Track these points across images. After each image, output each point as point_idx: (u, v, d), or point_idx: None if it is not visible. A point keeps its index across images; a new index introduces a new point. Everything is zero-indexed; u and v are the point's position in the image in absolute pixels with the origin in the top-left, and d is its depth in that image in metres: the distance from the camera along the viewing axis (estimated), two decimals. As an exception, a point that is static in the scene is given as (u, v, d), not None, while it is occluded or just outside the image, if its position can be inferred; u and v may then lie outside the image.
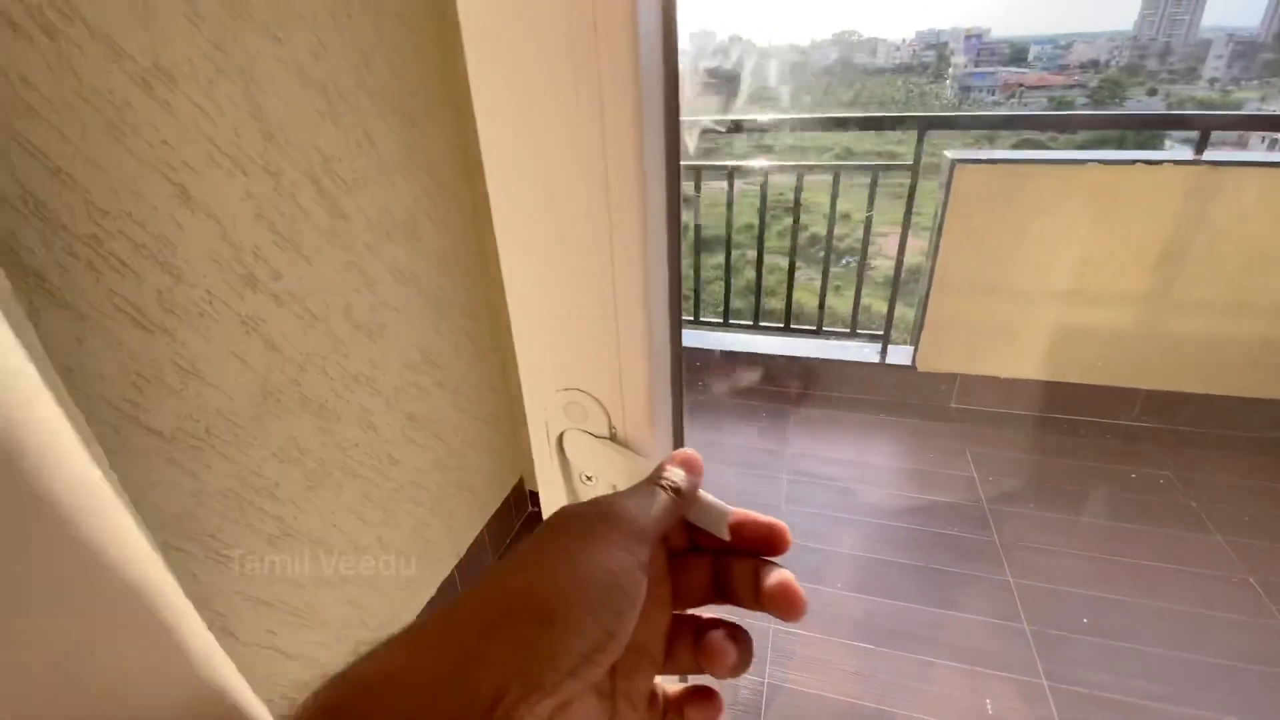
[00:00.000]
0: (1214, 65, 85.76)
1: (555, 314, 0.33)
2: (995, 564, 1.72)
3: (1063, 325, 2.22)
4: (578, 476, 0.39)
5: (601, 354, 0.33)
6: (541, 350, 0.35)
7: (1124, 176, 1.96)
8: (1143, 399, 2.26)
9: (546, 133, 0.28)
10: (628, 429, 0.34)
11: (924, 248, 2.31)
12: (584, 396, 0.35)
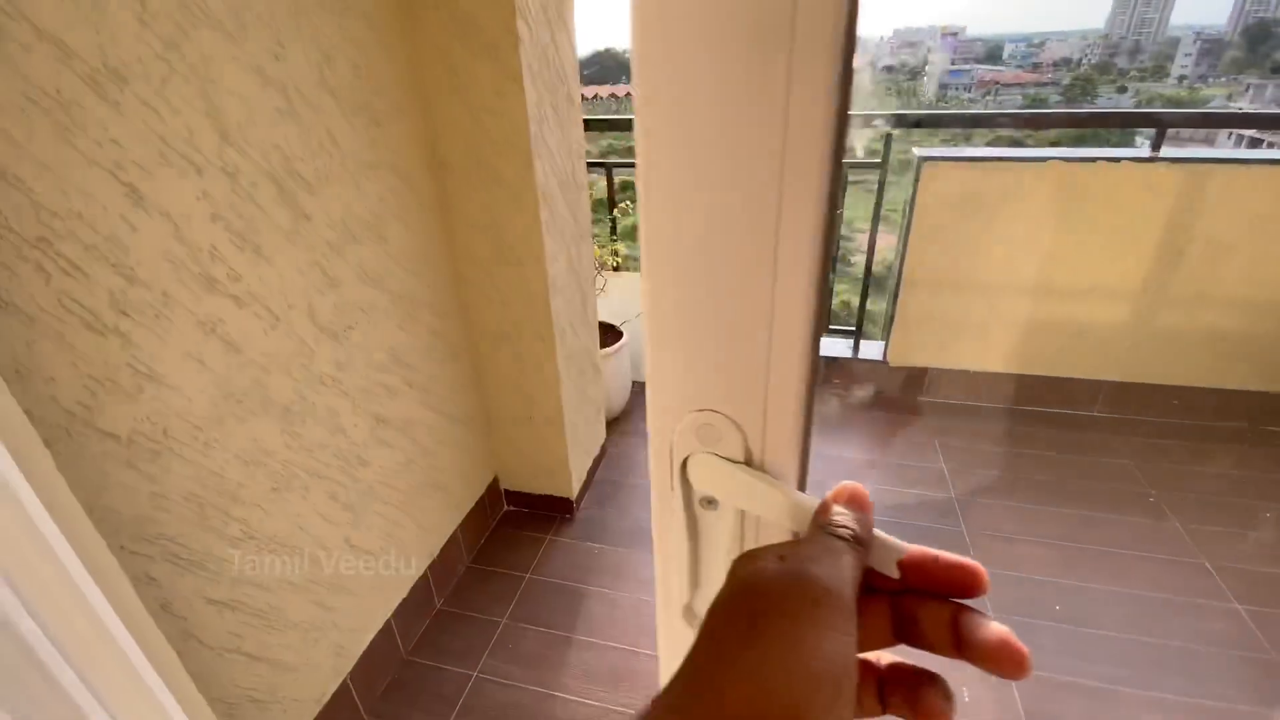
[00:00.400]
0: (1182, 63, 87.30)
1: (700, 331, 0.31)
2: (962, 553, 1.75)
3: (1029, 319, 2.27)
4: (698, 501, 0.38)
5: (748, 374, 0.31)
6: (678, 369, 0.32)
7: (1086, 174, 2.01)
8: (1106, 390, 2.32)
9: (721, 137, 0.26)
10: (766, 453, 0.33)
11: (897, 245, 2.35)
12: (720, 419, 0.33)
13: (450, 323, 1.58)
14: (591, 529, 1.87)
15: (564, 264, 1.63)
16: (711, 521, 0.39)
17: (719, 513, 0.38)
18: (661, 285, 0.31)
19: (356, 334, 1.24)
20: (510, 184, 1.42)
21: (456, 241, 1.54)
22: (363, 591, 1.34)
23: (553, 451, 1.81)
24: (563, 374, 1.69)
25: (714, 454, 0.35)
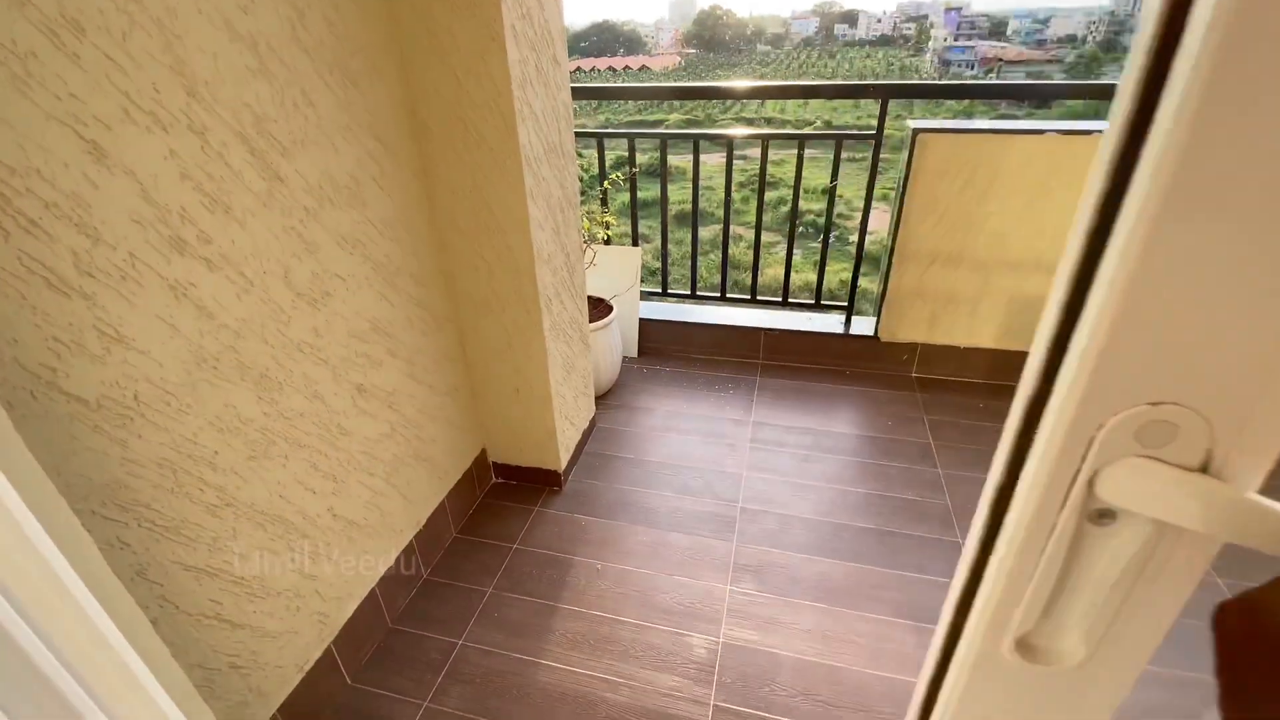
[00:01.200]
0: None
1: (1184, 304, 0.25)
2: (947, 526, 1.77)
3: (1020, 294, 2.26)
4: (1089, 515, 0.32)
5: (1245, 354, 0.25)
6: (1138, 350, 0.27)
7: (1081, 145, 1.99)
8: (1095, 367, 2.32)
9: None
10: (1232, 456, 0.27)
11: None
12: (1183, 413, 0.28)
13: (433, 292, 1.56)
14: (579, 502, 1.88)
15: (550, 232, 1.60)
16: (1099, 541, 0.33)
17: (1117, 530, 0.31)
18: (1163, 242, 0.24)
19: (335, 301, 1.23)
20: (493, 148, 1.39)
21: (439, 208, 1.51)
22: (346, 560, 1.34)
23: (540, 424, 1.81)
24: (550, 346, 1.68)
25: (1156, 459, 0.29)
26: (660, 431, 2.18)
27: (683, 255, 11.84)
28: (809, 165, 2.42)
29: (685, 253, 12.03)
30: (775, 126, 31.89)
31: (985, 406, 2.28)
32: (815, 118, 33.05)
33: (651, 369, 2.56)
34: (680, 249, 11.67)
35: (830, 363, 2.54)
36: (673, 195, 2.43)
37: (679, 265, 10.20)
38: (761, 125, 32.53)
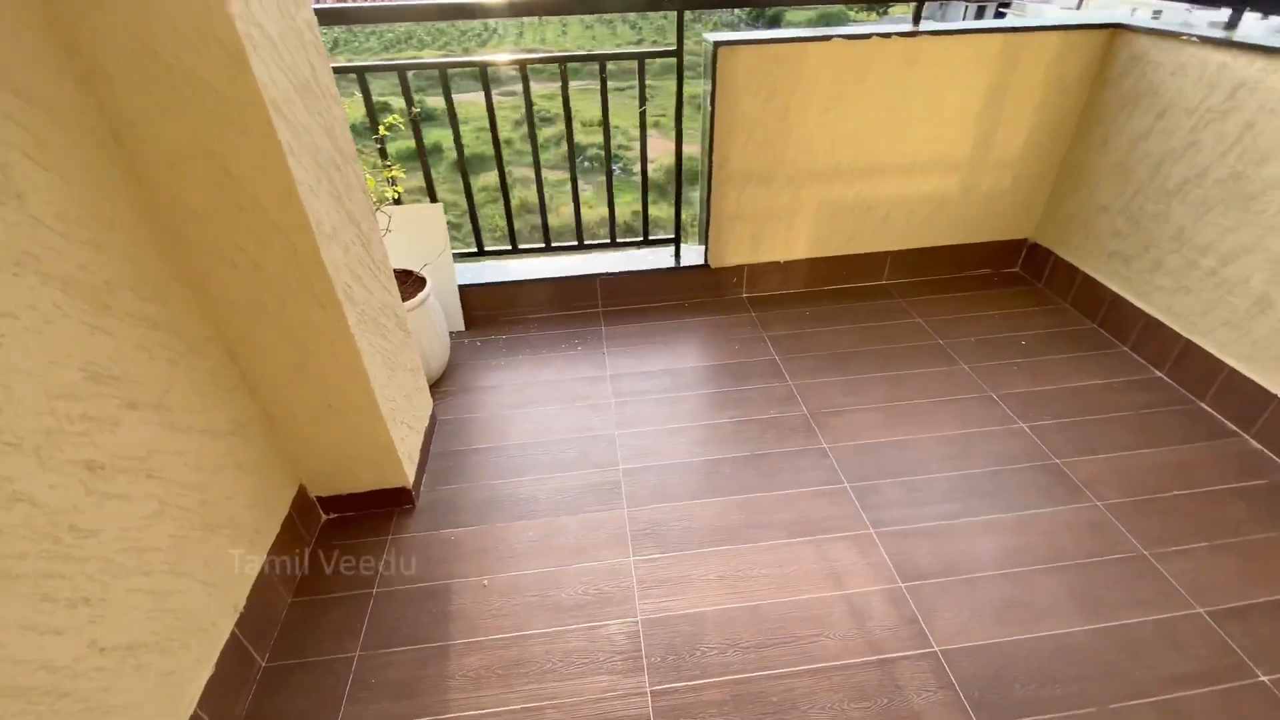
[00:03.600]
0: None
1: None
2: (810, 435, 1.84)
3: (827, 202, 2.37)
4: None
5: None
6: None
7: (863, 49, 2.06)
8: (890, 259, 2.56)
9: None
10: None
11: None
12: None
13: (175, 306, 1.13)
14: (440, 514, 1.61)
15: (328, 199, 1.24)
16: None
17: None
18: None
19: (8, 352, 0.80)
20: (219, 91, 0.99)
21: (154, 187, 1.07)
22: (137, 694, 0.97)
23: (371, 438, 1.48)
24: (362, 343, 1.34)
25: None
26: (514, 409, 1.95)
27: (485, 203, 11.04)
28: (581, 97, 2.23)
29: (486, 200, 11.22)
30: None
31: (812, 313, 2.41)
32: (576, 47, 32.45)
33: (486, 340, 2.28)
34: (485, 197, 10.86)
35: (669, 298, 2.49)
36: (451, 138, 2.11)
37: (482, 215, 9.51)
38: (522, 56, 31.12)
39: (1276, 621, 1.32)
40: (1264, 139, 1.68)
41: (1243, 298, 1.78)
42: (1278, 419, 1.71)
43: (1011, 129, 2.30)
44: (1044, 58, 2.16)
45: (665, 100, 2.16)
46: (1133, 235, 2.12)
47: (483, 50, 31.89)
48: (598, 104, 2.20)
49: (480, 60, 2.04)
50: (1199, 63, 1.83)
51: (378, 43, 31.78)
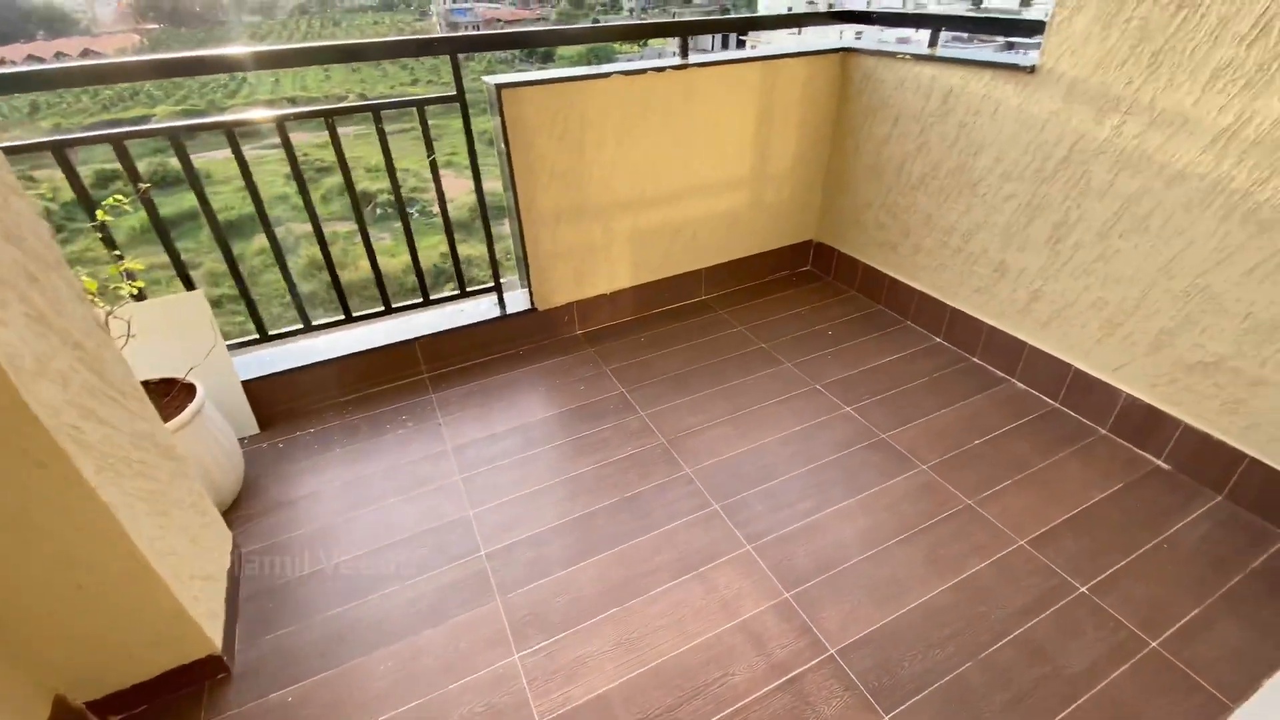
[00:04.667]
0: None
1: None
2: (672, 464, 1.82)
3: (637, 231, 2.41)
4: None
5: None
6: None
7: (642, 85, 2.13)
8: (705, 276, 2.68)
9: None
10: None
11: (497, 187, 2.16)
12: None
13: None
14: (267, 674, 1.30)
15: (22, 325, 0.93)
16: None
17: None
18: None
19: None
20: None
21: None
22: None
23: (149, 610, 1.15)
24: (108, 494, 1.03)
25: None
26: (341, 515, 1.67)
27: (262, 270, 9.54)
28: (364, 141, 2.05)
29: (261, 266, 9.72)
30: (303, 105, 28.19)
31: (646, 339, 2.43)
32: (346, 91, 30.37)
33: (290, 440, 1.94)
34: (260, 263, 9.44)
35: (501, 348, 2.34)
36: (217, 198, 1.79)
37: (260, 285, 8.31)
38: (284, 105, 28.33)
39: (1075, 536, 1.57)
40: (975, 134, 2.03)
41: (985, 266, 2.13)
42: (1031, 362, 2.07)
43: (781, 144, 2.54)
44: (796, 80, 2.41)
45: (455, 138, 2.03)
46: (893, 226, 2.45)
47: (232, 102, 28.19)
48: (366, 150, 2.01)
49: (226, 120, 1.74)
50: (915, 76, 2.17)
51: (93, 102, 26.74)
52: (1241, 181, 1.46)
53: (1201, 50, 1.44)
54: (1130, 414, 1.83)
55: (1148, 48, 1.54)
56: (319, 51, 1.78)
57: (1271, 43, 1.33)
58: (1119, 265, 1.75)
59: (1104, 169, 1.71)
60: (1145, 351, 1.75)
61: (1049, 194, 1.87)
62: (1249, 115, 1.41)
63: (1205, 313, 1.60)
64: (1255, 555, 1.50)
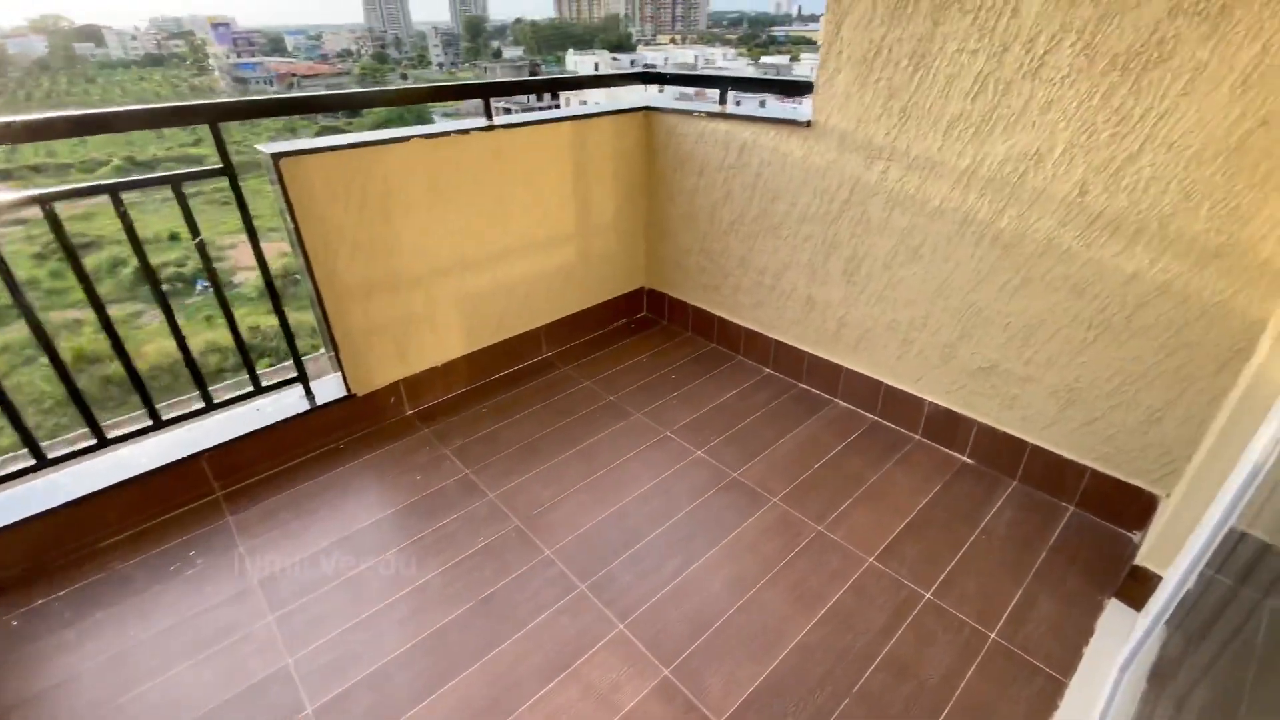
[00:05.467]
0: (436, 53, 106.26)
1: None
2: (530, 548, 1.68)
3: (464, 295, 2.27)
4: None
5: None
6: None
7: (447, 148, 2.03)
8: (544, 333, 2.60)
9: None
10: None
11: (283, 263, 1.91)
12: None
13: None
14: None
15: None
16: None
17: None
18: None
19: None
20: None
21: None
22: None
23: None
24: None
25: None
26: (108, 704, 1.30)
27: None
28: (109, 217, 1.71)
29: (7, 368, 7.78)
30: (53, 175, 23.95)
31: (488, 409, 2.27)
32: (109, 155, 26.26)
33: (27, 613, 1.49)
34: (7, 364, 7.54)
35: (316, 446, 2.04)
36: None
37: None
38: (26, 175, 23.76)
39: (913, 542, 1.69)
40: (771, 183, 2.20)
41: (796, 301, 2.30)
42: (849, 382, 2.25)
43: (601, 198, 2.57)
44: (607, 136, 2.47)
45: (209, 211, 1.76)
46: (713, 269, 2.57)
47: (-61, 174, 23.11)
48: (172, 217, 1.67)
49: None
50: (712, 131, 2.32)
51: None
52: (985, 213, 1.71)
53: (938, 105, 1.69)
54: (935, 419, 2.05)
55: (896, 104, 1.77)
56: (38, 126, 1.43)
57: (990, 98, 1.59)
58: (904, 291, 1.97)
59: (879, 208, 1.93)
60: (936, 364, 1.98)
61: (839, 233, 2.07)
62: (982, 157, 1.66)
63: (976, 325, 1.84)
64: (1050, 530, 1.73)
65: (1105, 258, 1.53)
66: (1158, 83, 1.34)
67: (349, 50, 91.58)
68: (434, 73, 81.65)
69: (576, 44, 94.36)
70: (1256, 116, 1.24)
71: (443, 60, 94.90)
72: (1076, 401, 1.71)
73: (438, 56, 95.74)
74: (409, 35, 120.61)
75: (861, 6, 1.74)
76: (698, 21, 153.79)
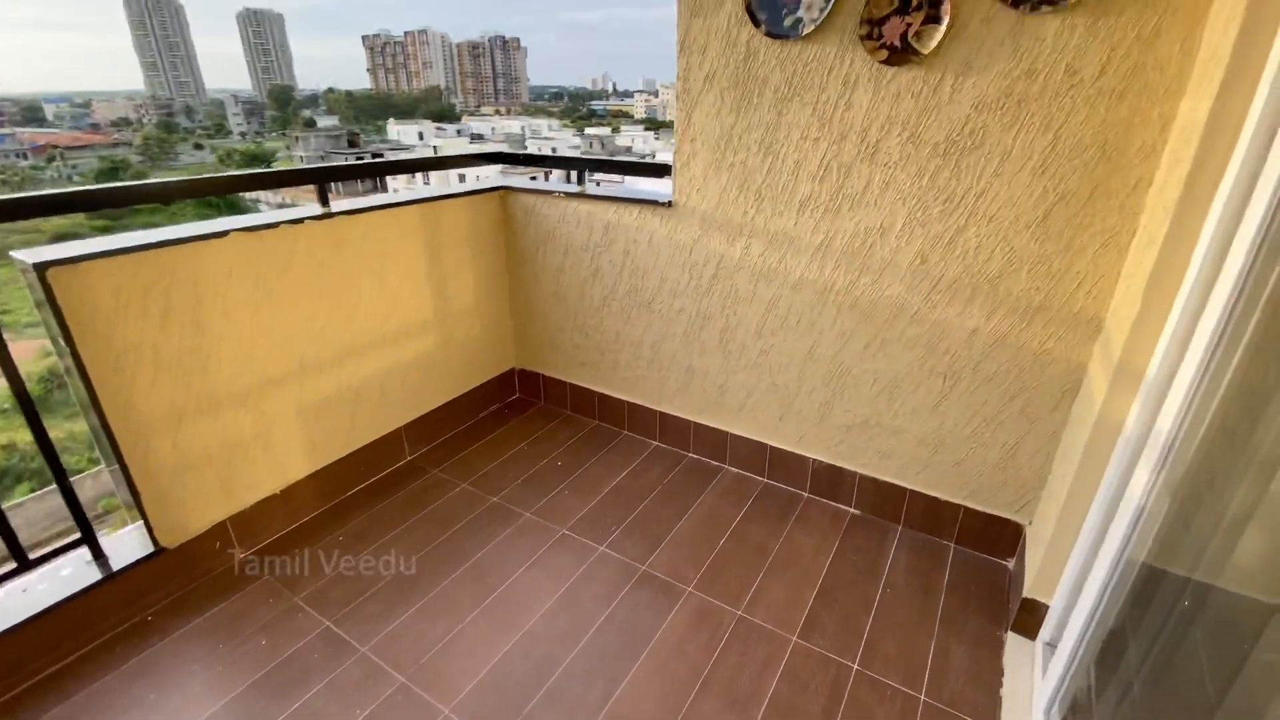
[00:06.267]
0: (236, 121, 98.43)
1: None
2: (421, 708, 1.41)
3: (305, 404, 1.94)
4: None
5: None
6: None
7: (276, 240, 1.76)
8: (406, 433, 2.32)
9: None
10: None
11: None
12: None
13: None
14: None
15: None
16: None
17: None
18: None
19: None
20: None
21: None
22: None
23: None
24: None
25: None
26: None
27: None
28: None
29: None
30: None
31: (345, 536, 1.94)
32: None
33: None
34: None
35: (117, 623, 1.57)
36: None
37: None
38: None
39: (828, 610, 1.68)
40: (639, 260, 2.20)
41: (677, 371, 2.30)
42: (736, 448, 2.26)
43: (460, 281, 2.40)
44: (461, 218, 2.32)
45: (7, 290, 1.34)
46: (588, 345, 2.50)
47: None
48: None
49: None
50: (574, 211, 2.28)
51: None
52: (841, 282, 1.83)
53: (789, 186, 1.80)
54: (820, 475, 2.11)
55: (752, 186, 1.86)
56: None
57: (834, 179, 1.72)
58: (777, 356, 2.04)
59: (746, 281, 2.00)
60: (815, 422, 2.06)
61: (710, 305, 2.11)
62: (833, 233, 1.79)
63: (846, 385, 1.94)
64: (941, 571, 1.82)
65: (950, 317, 1.70)
66: (974, 166, 1.53)
67: (127, 119, 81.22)
68: (235, 141, 74.94)
69: (397, 113, 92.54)
70: (1056, 193, 1.46)
71: (245, 129, 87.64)
72: (943, 447, 1.85)
73: (239, 125, 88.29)
74: (203, 104, 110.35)
75: (710, 98, 1.83)
76: (519, 95, 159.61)
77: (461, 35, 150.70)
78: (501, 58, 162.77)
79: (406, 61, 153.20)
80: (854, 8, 1.54)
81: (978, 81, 1.46)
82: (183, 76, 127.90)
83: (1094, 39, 1.32)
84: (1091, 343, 1.53)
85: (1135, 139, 1.35)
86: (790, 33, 1.63)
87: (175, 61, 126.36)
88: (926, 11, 1.44)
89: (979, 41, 1.43)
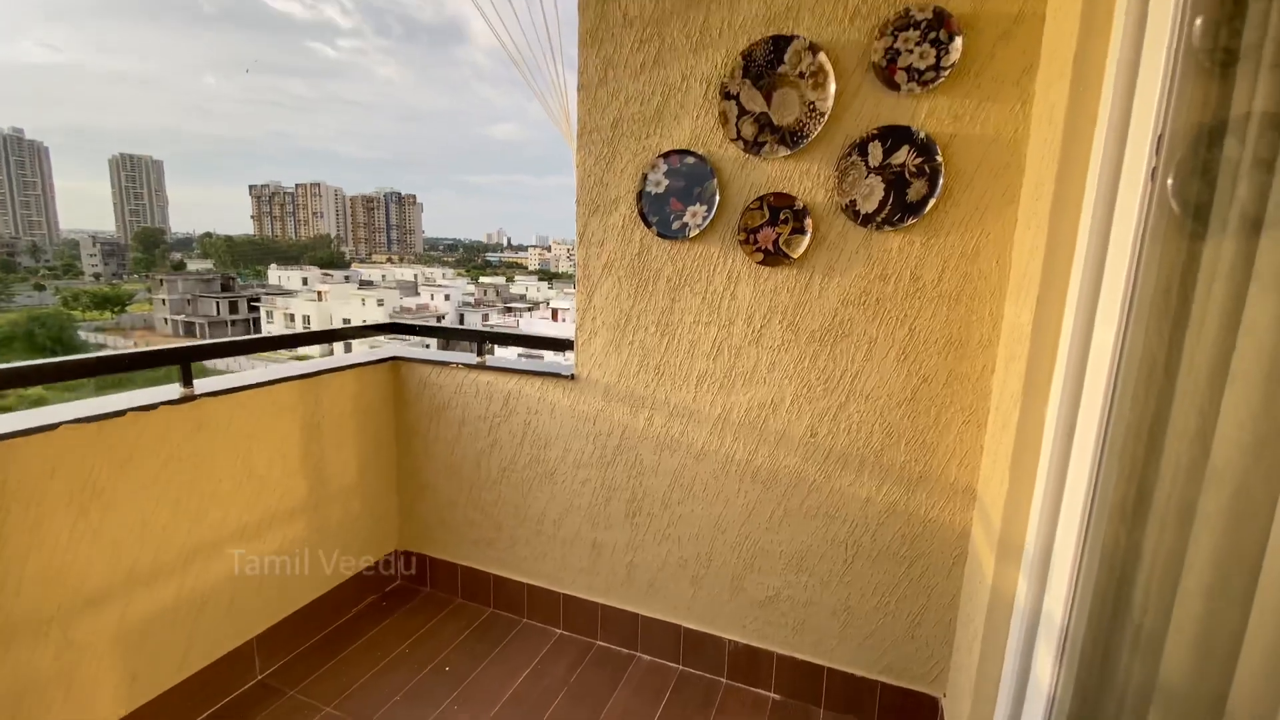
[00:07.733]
0: (91, 263, 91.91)
1: None
2: None
3: (128, 627, 1.59)
4: None
5: None
6: None
7: (118, 429, 1.53)
8: (258, 645, 1.95)
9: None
10: None
11: None
12: None
13: None
14: None
15: None
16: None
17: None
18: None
19: None
20: None
21: None
22: None
23: None
24: None
25: None
26: None
27: None
28: None
29: None
30: None
31: (165, 800, 1.51)
32: None
33: None
34: None
35: None
36: None
37: None
38: None
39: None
40: (540, 430, 2.15)
41: (581, 547, 2.17)
42: (647, 631, 2.11)
43: (340, 458, 2.20)
44: (346, 391, 2.19)
45: None
46: (484, 521, 2.33)
47: None
48: None
49: None
50: (472, 382, 2.23)
51: None
52: (741, 453, 1.88)
53: (686, 363, 1.89)
54: (737, 657, 2.00)
55: (651, 362, 1.93)
56: None
57: (727, 359, 1.83)
58: (685, 527, 2.00)
59: (650, 451, 2.00)
60: (727, 599, 1.99)
61: (616, 476, 2.07)
62: (730, 406, 1.86)
63: (756, 556, 1.92)
64: (869, 762, 1.72)
65: (844, 486, 1.78)
66: (847, 350, 1.70)
67: (-49, 255, 72.84)
68: (87, 284, 68.98)
69: (281, 259, 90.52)
70: (919, 375, 1.63)
71: (100, 271, 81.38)
72: (853, 618, 1.84)
73: (94, 266, 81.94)
74: (54, 244, 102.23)
75: (608, 283, 1.94)
76: (414, 245, 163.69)
77: (356, 190, 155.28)
78: (396, 210, 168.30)
79: (296, 210, 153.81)
80: (731, 219, 1.75)
81: (841, 281, 1.67)
82: (34, 216, 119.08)
83: (930, 253, 1.57)
84: (970, 510, 1.64)
85: (974, 333, 1.57)
86: (678, 235, 1.80)
87: (29, 200, 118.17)
88: (793, 225, 1.66)
89: (839, 249, 1.66)
